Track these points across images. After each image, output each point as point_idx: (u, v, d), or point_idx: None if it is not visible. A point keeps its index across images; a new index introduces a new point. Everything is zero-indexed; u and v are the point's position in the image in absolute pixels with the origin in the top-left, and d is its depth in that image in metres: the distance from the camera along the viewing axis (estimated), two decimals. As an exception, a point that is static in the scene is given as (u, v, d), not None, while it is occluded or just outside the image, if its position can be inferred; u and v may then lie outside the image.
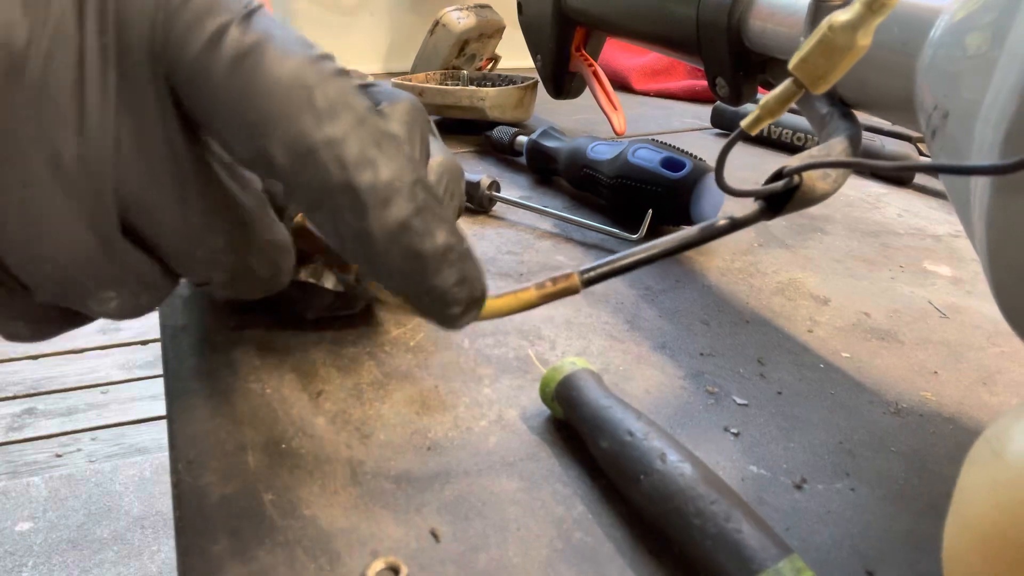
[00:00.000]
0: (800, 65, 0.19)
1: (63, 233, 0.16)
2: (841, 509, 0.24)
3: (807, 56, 0.19)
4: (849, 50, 0.19)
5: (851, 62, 0.19)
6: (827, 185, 0.25)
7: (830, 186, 0.25)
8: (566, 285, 0.22)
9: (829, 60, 0.19)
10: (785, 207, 0.24)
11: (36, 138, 0.15)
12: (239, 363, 0.29)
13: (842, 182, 0.26)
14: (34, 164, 0.16)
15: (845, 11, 0.19)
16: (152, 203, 0.17)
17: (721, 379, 0.30)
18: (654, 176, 0.43)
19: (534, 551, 0.21)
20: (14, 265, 0.17)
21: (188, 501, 0.22)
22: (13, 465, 1.49)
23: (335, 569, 0.20)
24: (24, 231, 0.16)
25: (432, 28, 0.75)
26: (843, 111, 0.31)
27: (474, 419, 0.27)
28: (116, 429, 1.60)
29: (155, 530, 1.36)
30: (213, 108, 0.17)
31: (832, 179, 0.25)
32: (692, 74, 0.91)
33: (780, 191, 0.24)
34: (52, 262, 0.17)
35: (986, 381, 0.32)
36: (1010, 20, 0.19)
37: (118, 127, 0.16)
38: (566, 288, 0.22)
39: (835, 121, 0.30)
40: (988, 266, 0.20)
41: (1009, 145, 0.18)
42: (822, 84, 0.19)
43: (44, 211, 0.16)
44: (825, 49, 0.19)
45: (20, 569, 1.26)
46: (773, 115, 0.21)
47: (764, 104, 0.20)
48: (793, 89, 0.20)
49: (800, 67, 0.19)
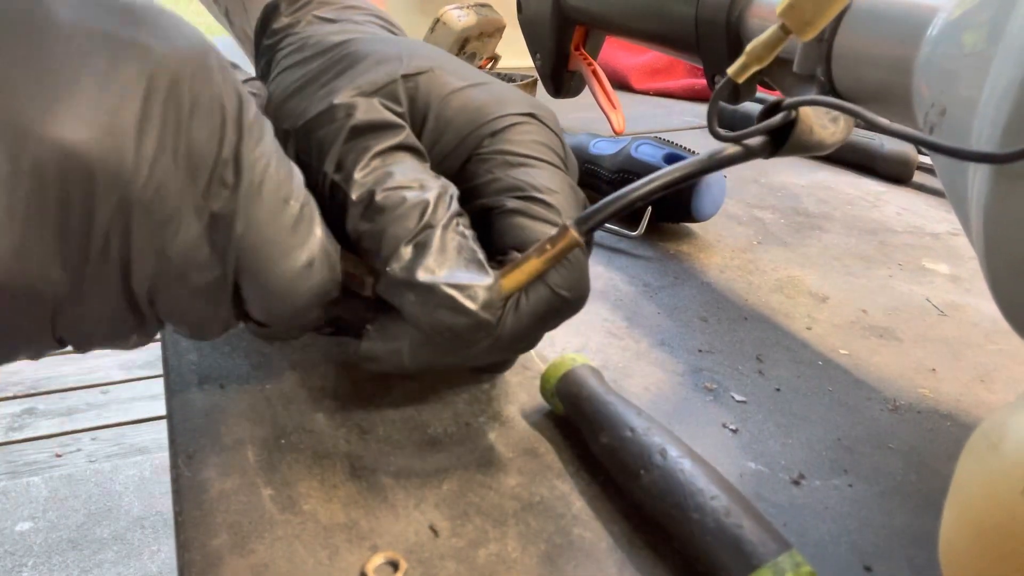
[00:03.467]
0: (787, 11, 0.19)
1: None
2: (839, 505, 0.24)
3: (794, 2, 0.19)
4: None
5: (838, 8, 0.19)
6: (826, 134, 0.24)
7: (829, 136, 0.24)
8: (565, 243, 0.22)
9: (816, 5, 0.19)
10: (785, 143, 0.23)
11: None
12: (239, 359, 0.29)
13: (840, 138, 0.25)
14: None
15: None
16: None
17: (720, 376, 0.31)
18: (657, 171, 0.43)
19: (533, 546, 0.21)
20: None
21: (187, 496, 0.22)
22: (13, 465, 1.49)
23: (334, 564, 0.20)
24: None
25: (432, 26, 0.75)
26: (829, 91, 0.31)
27: (473, 415, 0.27)
28: (116, 429, 1.60)
29: (155, 530, 1.36)
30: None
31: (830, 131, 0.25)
32: (692, 73, 0.91)
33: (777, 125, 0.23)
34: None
35: (984, 378, 0.32)
36: (1007, 17, 0.19)
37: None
38: (567, 245, 0.22)
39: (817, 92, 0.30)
40: (985, 262, 0.20)
41: (1007, 140, 0.18)
42: (809, 30, 0.19)
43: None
44: None
45: (20, 569, 1.26)
46: (760, 61, 0.21)
47: (750, 50, 0.20)
48: (780, 35, 0.20)
49: (787, 12, 0.19)
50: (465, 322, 0.21)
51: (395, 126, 0.24)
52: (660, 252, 0.42)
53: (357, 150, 0.24)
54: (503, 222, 0.24)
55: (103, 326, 0.19)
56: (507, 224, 0.24)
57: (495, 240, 0.24)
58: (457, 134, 0.25)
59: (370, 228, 0.23)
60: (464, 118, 0.25)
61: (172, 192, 0.18)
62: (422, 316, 0.22)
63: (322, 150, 0.24)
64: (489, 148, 0.25)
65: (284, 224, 0.21)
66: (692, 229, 0.46)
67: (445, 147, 0.26)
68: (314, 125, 0.24)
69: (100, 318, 0.19)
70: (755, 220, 0.48)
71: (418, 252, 0.22)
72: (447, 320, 0.21)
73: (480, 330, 0.22)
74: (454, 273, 0.22)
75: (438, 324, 0.22)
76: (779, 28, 0.20)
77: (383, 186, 0.23)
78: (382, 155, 0.24)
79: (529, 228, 0.24)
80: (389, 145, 0.24)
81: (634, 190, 0.22)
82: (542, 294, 0.23)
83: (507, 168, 0.25)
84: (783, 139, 0.23)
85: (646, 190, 0.22)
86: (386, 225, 0.22)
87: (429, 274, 0.21)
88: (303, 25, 0.29)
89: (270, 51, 0.29)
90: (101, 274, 0.18)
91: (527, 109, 0.26)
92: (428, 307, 0.21)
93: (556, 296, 0.23)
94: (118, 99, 0.17)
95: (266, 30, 0.29)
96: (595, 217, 0.22)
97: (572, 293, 0.23)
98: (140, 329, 0.21)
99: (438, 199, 0.23)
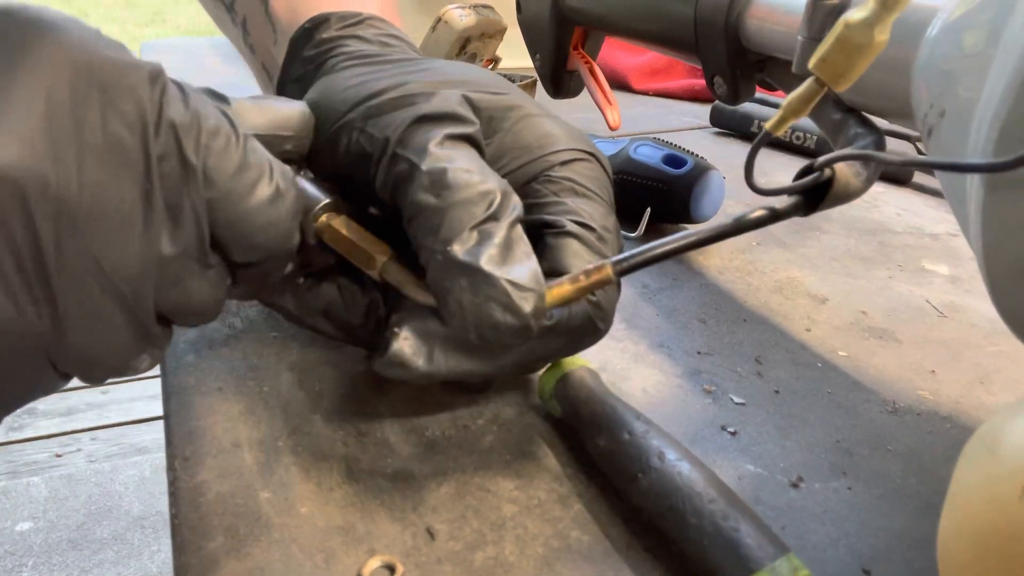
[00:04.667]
0: (820, 65, 0.20)
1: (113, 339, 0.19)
2: (838, 508, 0.24)
3: (826, 55, 0.19)
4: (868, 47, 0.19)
5: (870, 59, 0.19)
6: (859, 183, 0.24)
7: (862, 184, 0.25)
8: (599, 277, 0.22)
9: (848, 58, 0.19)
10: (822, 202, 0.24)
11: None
12: (236, 361, 0.29)
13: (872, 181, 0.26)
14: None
15: (859, 9, 0.19)
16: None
17: (719, 378, 0.30)
18: (656, 172, 0.43)
19: (531, 549, 0.21)
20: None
21: (184, 498, 0.22)
22: (13, 465, 1.49)
23: (331, 567, 0.20)
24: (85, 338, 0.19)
25: (434, 25, 0.75)
26: (860, 118, 0.31)
27: (471, 417, 0.27)
28: (116, 429, 1.60)
29: (155, 530, 1.36)
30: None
31: (864, 178, 0.25)
32: (691, 73, 0.91)
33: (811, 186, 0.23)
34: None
35: (984, 380, 0.32)
36: (1006, 18, 0.19)
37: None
38: (600, 280, 0.22)
39: (854, 128, 0.30)
40: (984, 264, 0.20)
41: (1004, 143, 0.18)
42: (843, 82, 0.20)
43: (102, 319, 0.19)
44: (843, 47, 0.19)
45: (20, 569, 1.26)
46: (797, 115, 0.21)
47: (788, 104, 0.20)
48: (815, 88, 0.20)
49: (820, 66, 0.20)
50: (512, 323, 0.21)
51: (469, 120, 0.25)
52: (659, 253, 0.42)
53: (429, 128, 0.24)
54: (557, 242, 0.25)
55: (102, 349, 0.19)
56: (560, 244, 0.25)
57: (540, 257, 0.24)
58: (527, 154, 0.26)
59: (435, 203, 0.22)
60: (535, 143, 0.27)
61: (112, 190, 0.18)
62: (470, 307, 0.21)
63: (391, 125, 0.24)
64: (558, 174, 0.26)
65: (236, 164, 0.20)
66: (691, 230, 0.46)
67: (511, 164, 0.26)
68: (387, 104, 0.25)
69: (95, 341, 0.19)
70: (754, 221, 0.48)
71: (483, 239, 0.22)
72: (495, 316, 0.21)
73: (521, 335, 0.22)
74: (513, 269, 0.21)
75: (485, 318, 0.21)
76: (814, 81, 0.20)
77: (454, 165, 0.23)
78: (453, 140, 0.24)
79: (580, 255, 0.24)
80: (461, 132, 0.24)
81: (670, 243, 0.23)
82: (581, 315, 0.24)
83: (573, 196, 0.26)
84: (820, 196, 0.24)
85: (681, 244, 0.23)
86: (453, 204, 0.22)
87: (493, 264, 0.21)
88: (355, 41, 0.29)
89: (319, 58, 0.29)
90: (73, 290, 0.18)
91: (591, 149, 0.27)
92: (480, 297, 0.21)
93: (590, 322, 0.24)
94: (22, 113, 0.16)
95: (311, 39, 0.30)
96: (631, 260, 0.23)
97: (604, 324, 0.25)
98: (145, 342, 0.20)
99: (504, 196, 0.23)
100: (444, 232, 0.22)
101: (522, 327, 0.21)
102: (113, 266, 0.18)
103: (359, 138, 0.25)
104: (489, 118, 0.26)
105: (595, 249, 0.25)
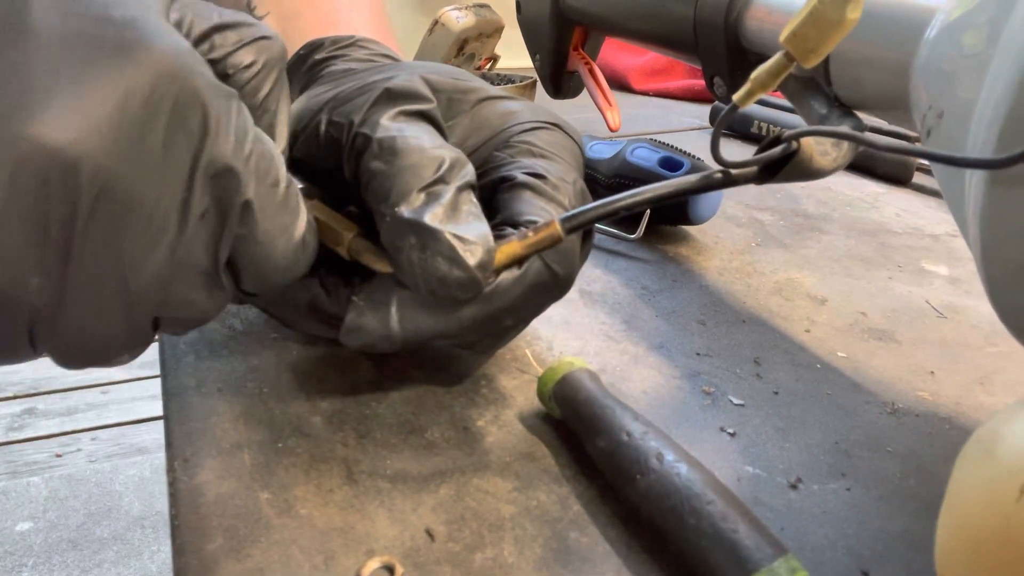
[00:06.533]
0: (791, 39, 0.19)
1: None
2: (837, 509, 0.24)
3: (797, 29, 0.19)
4: (839, 23, 0.19)
5: (841, 35, 0.19)
6: (825, 162, 0.24)
7: (828, 164, 0.25)
8: (548, 232, 0.23)
9: (820, 33, 0.19)
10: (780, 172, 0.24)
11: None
12: (236, 362, 0.29)
13: (841, 164, 0.26)
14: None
15: None
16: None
17: (718, 379, 0.31)
18: (652, 176, 0.43)
19: (529, 551, 0.21)
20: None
21: (184, 499, 0.22)
22: (13, 465, 1.49)
23: (330, 568, 0.20)
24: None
25: (431, 27, 0.75)
26: (844, 111, 0.31)
27: (471, 419, 0.27)
28: (116, 429, 1.60)
29: (155, 530, 1.36)
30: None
31: (831, 158, 0.25)
32: (691, 73, 0.91)
33: (778, 157, 0.23)
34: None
35: (983, 381, 0.32)
36: (1005, 18, 0.19)
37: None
38: (548, 235, 0.23)
39: (836, 120, 0.30)
40: (982, 265, 0.20)
41: (1003, 143, 0.18)
42: (813, 57, 0.19)
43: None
44: (816, 22, 0.19)
45: (20, 569, 1.26)
46: (764, 88, 0.21)
47: (755, 77, 0.21)
48: (784, 62, 0.20)
49: (791, 40, 0.20)
50: (458, 276, 0.22)
51: (426, 97, 0.26)
52: (658, 255, 0.42)
53: (386, 106, 0.25)
54: (509, 194, 0.26)
55: (91, 338, 0.19)
56: (512, 196, 0.25)
57: (494, 212, 0.25)
58: (490, 130, 0.28)
59: (385, 169, 0.23)
60: (498, 120, 0.28)
61: (158, 189, 0.18)
62: (419, 262, 0.22)
63: (354, 110, 0.25)
64: (518, 139, 0.27)
65: (276, 205, 0.21)
66: (690, 231, 0.46)
67: (474, 142, 0.28)
68: (352, 94, 0.26)
69: (87, 329, 0.19)
70: (754, 222, 0.48)
71: (430, 200, 0.23)
72: (442, 269, 0.22)
73: (469, 288, 0.22)
74: (459, 226, 0.22)
75: (432, 272, 0.22)
76: (783, 56, 0.20)
77: (404, 133, 0.24)
78: (408, 116, 0.25)
79: (531, 203, 0.25)
80: (417, 109, 0.25)
81: (620, 200, 0.23)
82: (536, 266, 0.24)
83: (529, 156, 0.27)
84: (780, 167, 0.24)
85: (631, 201, 0.23)
86: (401, 169, 0.23)
87: (437, 221, 0.22)
88: (342, 61, 0.30)
89: (308, 75, 0.30)
90: (88, 278, 0.18)
91: (556, 120, 0.29)
92: (426, 253, 0.22)
93: (548, 270, 0.25)
94: (98, 100, 0.17)
95: (306, 62, 0.31)
96: (579, 217, 0.23)
97: (563, 269, 0.25)
98: (133, 340, 0.20)
99: (454, 162, 0.24)
100: (394, 196, 0.23)
101: (468, 279, 0.22)
102: (133, 265, 0.18)
103: (328, 129, 0.26)
104: (448, 99, 0.28)
105: (549, 196, 0.25)
